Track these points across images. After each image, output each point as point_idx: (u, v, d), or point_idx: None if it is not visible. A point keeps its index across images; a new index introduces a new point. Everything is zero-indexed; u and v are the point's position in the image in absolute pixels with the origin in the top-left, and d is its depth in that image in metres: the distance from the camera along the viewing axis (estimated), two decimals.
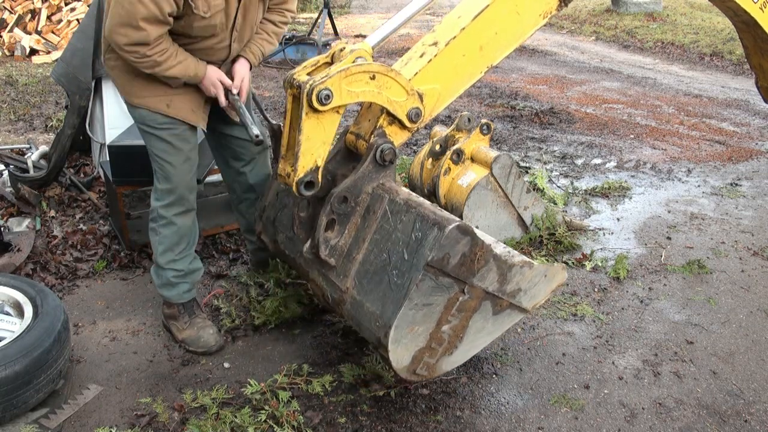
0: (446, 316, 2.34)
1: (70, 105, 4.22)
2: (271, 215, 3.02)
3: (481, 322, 2.45)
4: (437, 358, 2.40)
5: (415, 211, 2.35)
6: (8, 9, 8.80)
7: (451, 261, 2.24)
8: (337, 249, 2.52)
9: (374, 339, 2.34)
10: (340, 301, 2.51)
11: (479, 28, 2.65)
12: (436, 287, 2.26)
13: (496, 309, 2.46)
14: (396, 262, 2.31)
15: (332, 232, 2.52)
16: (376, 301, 2.33)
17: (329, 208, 2.48)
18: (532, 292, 2.53)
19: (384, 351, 2.28)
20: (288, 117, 2.44)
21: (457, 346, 2.43)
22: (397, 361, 2.30)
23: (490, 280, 2.37)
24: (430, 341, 2.34)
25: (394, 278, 2.29)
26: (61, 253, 3.74)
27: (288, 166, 2.43)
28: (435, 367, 2.42)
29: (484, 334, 2.50)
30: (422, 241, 2.26)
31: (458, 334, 2.41)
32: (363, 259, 2.46)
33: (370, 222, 2.49)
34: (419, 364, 2.36)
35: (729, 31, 9.62)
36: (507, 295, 2.45)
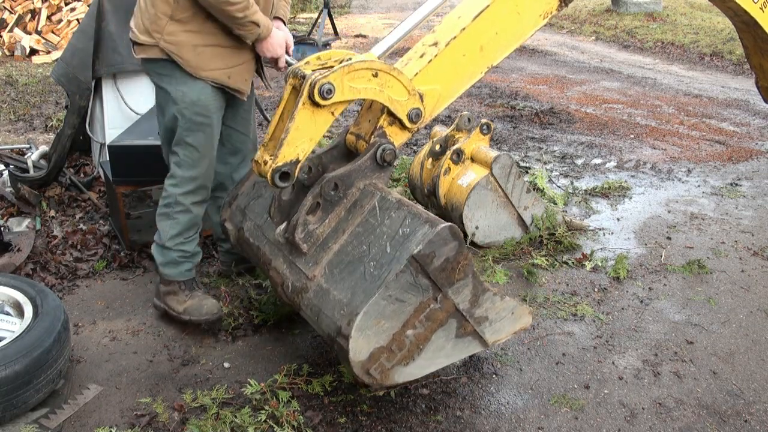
0: (413, 321, 2.31)
1: (70, 105, 4.22)
2: (242, 203, 2.99)
3: (443, 339, 2.41)
4: (393, 364, 2.34)
5: (407, 209, 2.34)
6: (8, 9, 8.80)
7: (434, 261, 2.23)
8: (313, 235, 2.49)
9: (334, 328, 2.28)
10: (302, 289, 2.47)
11: (479, 29, 2.65)
12: (413, 285, 2.25)
13: (459, 331, 2.43)
14: (376, 254, 2.30)
15: (314, 216, 2.49)
16: (346, 290, 2.30)
17: (319, 190, 2.46)
18: (496, 326, 2.51)
19: (344, 340, 2.21)
20: (281, 107, 2.43)
21: (415, 358, 2.38)
22: (355, 351, 2.23)
23: (463, 296, 2.36)
24: (392, 342, 2.30)
25: (371, 269, 2.27)
26: (61, 253, 3.74)
27: (266, 154, 2.40)
28: (388, 374, 2.35)
29: (442, 354, 2.45)
30: (410, 236, 2.25)
31: (419, 345, 2.37)
32: (339, 250, 2.43)
33: (355, 215, 2.48)
34: (375, 364, 2.30)
35: (729, 31, 9.63)
36: (474, 319, 2.43)
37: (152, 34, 2.83)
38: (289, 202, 2.58)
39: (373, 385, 2.34)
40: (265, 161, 2.38)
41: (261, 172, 2.41)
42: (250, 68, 2.99)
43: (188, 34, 2.80)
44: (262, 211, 2.82)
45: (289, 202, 2.58)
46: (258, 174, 2.46)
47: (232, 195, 3.05)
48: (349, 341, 2.20)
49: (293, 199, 2.58)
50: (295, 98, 2.37)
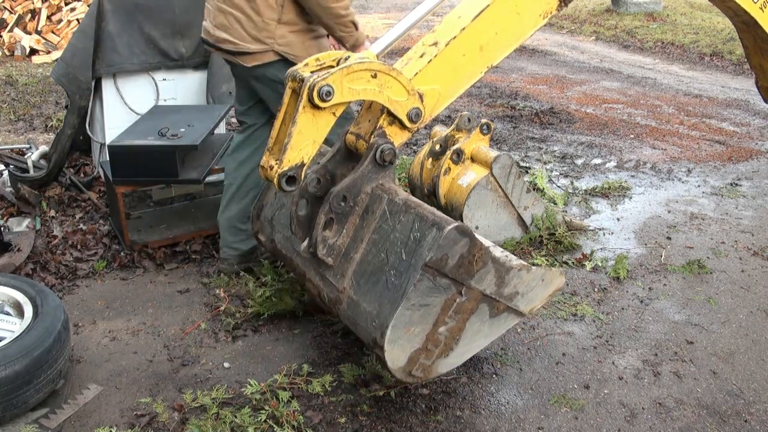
0: (443, 318, 2.33)
1: (70, 105, 4.22)
2: (268, 214, 3.02)
3: (478, 324, 2.44)
4: (433, 360, 2.38)
5: (414, 212, 2.35)
6: (8, 9, 8.80)
7: (449, 262, 2.24)
8: (334, 248, 2.52)
9: (370, 339, 2.33)
10: (336, 301, 2.51)
11: (479, 29, 2.65)
12: (434, 288, 2.26)
13: (493, 312, 2.46)
14: (394, 262, 2.31)
15: (330, 231, 2.52)
16: (373, 301, 2.33)
17: (328, 207, 2.48)
18: (529, 296, 2.53)
19: (380, 351, 2.27)
20: (282, 111, 2.43)
21: (453, 348, 2.42)
22: (393, 361, 2.29)
23: (487, 282, 2.37)
24: (427, 342, 2.34)
25: (392, 278, 2.29)
26: (61, 253, 3.74)
27: (272, 159, 2.41)
28: (431, 369, 2.41)
29: (480, 336, 2.49)
30: (421, 242, 2.26)
31: (455, 336, 2.40)
32: (361, 259, 2.45)
33: (369, 222, 2.49)
34: (415, 365, 2.35)
35: (729, 31, 9.62)
36: (504, 298, 2.44)
37: (264, 40, 3.05)
38: (306, 216, 2.61)
39: (419, 382, 2.43)
40: (271, 166, 2.40)
41: (267, 177, 2.43)
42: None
43: (296, 33, 3.05)
44: (287, 222, 2.84)
45: (307, 217, 2.61)
46: (265, 179, 2.48)
47: (258, 206, 3.09)
48: (385, 353, 2.25)
49: (310, 213, 2.60)
50: (295, 101, 2.37)
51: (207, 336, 3.09)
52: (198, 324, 3.17)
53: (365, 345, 2.50)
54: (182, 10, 4.25)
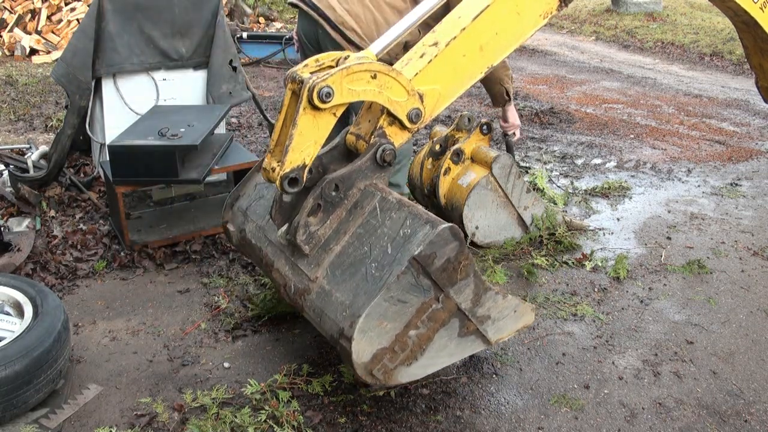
0: (416, 321, 2.31)
1: (70, 105, 4.22)
2: (243, 205, 2.99)
3: (445, 339, 2.42)
4: (396, 365, 2.35)
5: (408, 210, 2.34)
6: (8, 9, 8.80)
7: (435, 262, 2.23)
8: (314, 237, 2.49)
9: (337, 330, 2.28)
10: (304, 290, 2.47)
11: (479, 29, 2.65)
12: (415, 286, 2.25)
13: (462, 330, 2.44)
14: (377, 255, 2.30)
15: (315, 218, 2.49)
16: (348, 291, 2.30)
17: (319, 191, 2.46)
18: (498, 325, 2.52)
19: (346, 342, 2.22)
20: (283, 112, 2.43)
21: (418, 358, 2.39)
22: (358, 353, 2.23)
23: (465, 295, 2.36)
24: (394, 343, 2.31)
25: (372, 270, 2.27)
26: (61, 253, 3.74)
27: (274, 161, 2.41)
28: (392, 374, 2.36)
29: (445, 354, 2.46)
30: (411, 237, 2.25)
31: (422, 345, 2.37)
32: (340, 251, 2.43)
33: (356, 216, 2.48)
34: (378, 365, 2.31)
35: (729, 31, 9.62)
36: (476, 318, 2.43)
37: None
38: (290, 203, 2.58)
39: (376, 385, 2.34)
40: (273, 168, 2.39)
41: (270, 179, 2.42)
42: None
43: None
44: (264, 213, 2.82)
45: (290, 204, 2.58)
46: (267, 180, 2.47)
47: (233, 196, 3.05)
48: (352, 343, 2.20)
49: (294, 201, 2.57)
50: (295, 103, 2.37)
51: (207, 336, 3.09)
52: (198, 324, 3.18)
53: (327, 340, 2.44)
54: (182, 10, 4.25)
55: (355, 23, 3.23)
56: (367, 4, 3.23)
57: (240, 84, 4.47)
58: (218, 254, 3.81)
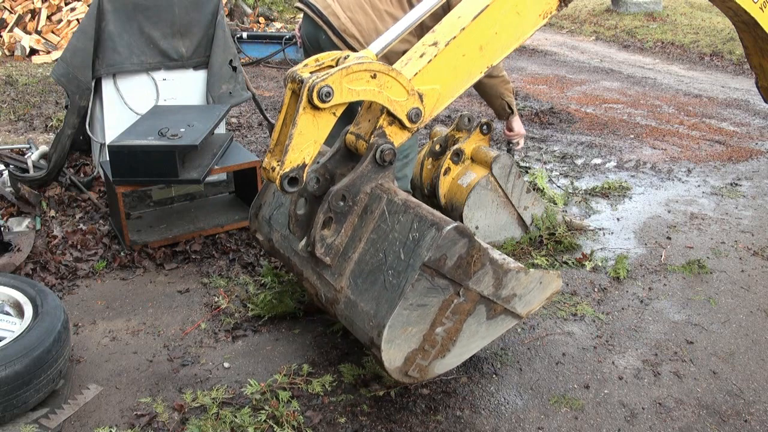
0: (440, 318, 2.33)
1: (70, 105, 4.22)
2: (266, 214, 3.02)
3: (475, 326, 2.44)
4: (430, 361, 2.38)
5: (413, 212, 2.34)
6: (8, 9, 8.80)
7: (447, 262, 2.24)
8: (333, 248, 2.52)
9: (367, 339, 2.33)
10: (333, 300, 2.51)
11: (479, 28, 2.65)
12: (432, 288, 2.26)
13: (490, 314, 2.46)
14: (392, 262, 2.31)
15: (329, 230, 2.52)
16: (371, 301, 2.32)
17: (327, 206, 2.48)
18: (526, 299, 2.53)
19: (377, 351, 2.27)
20: (283, 112, 2.43)
21: (450, 349, 2.42)
22: (389, 361, 2.28)
23: (485, 283, 2.37)
24: (424, 343, 2.33)
25: (390, 278, 2.29)
26: (61, 253, 3.74)
27: (274, 161, 2.41)
28: (427, 370, 2.40)
29: (477, 338, 2.49)
30: (419, 242, 2.26)
31: (452, 337, 2.40)
32: (359, 259, 2.45)
33: (368, 222, 2.49)
34: (412, 366, 2.35)
35: (729, 31, 9.63)
36: (502, 300, 2.44)
37: None
38: (305, 215, 2.61)
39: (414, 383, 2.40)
40: (273, 167, 2.40)
41: (270, 179, 2.43)
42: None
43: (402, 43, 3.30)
44: (285, 221, 2.84)
45: (305, 216, 2.61)
46: (267, 180, 2.47)
47: (256, 205, 3.09)
48: (382, 353, 2.24)
49: (309, 212, 2.60)
50: (295, 102, 2.37)
51: (207, 336, 3.09)
52: (198, 324, 3.18)
53: (363, 344, 2.50)
54: (182, 10, 4.25)
55: (357, 31, 3.28)
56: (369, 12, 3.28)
57: (240, 84, 4.47)
58: (218, 254, 3.81)
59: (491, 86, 3.73)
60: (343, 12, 3.33)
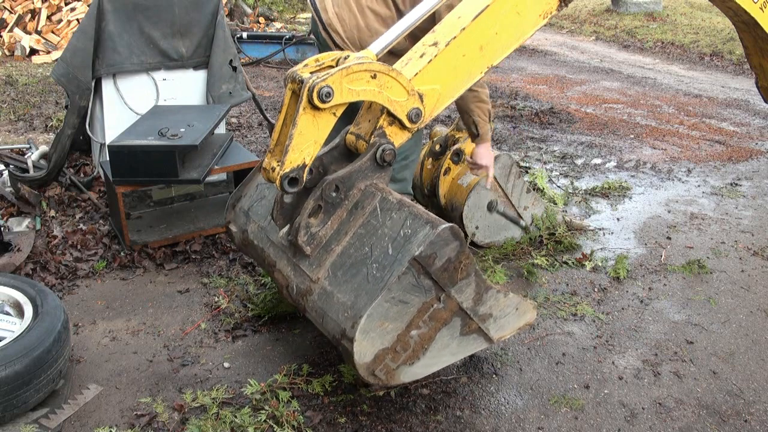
0: (417, 321, 2.32)
1: (70, 105, 4.22)
2: (245, 205, 2.99)
3: (447, 338, 2.42)
4: (398, 364, 2.35)
5: (408, 210, 2.34)
6: (8, 9, 8.80)
7: (436, 262, 2.23)
8: (315, 238, 2.49)
9: (338, 331, 2.28)
10: (306, 291, 2.47)
11: (479, 29, 2.65)
12: (416, 286, 2.25)
13: (464, 329, 2.45)
14: (378, 256, 2.30)
15: (316, 219, 2.50)
16: (349, 292, 2.30)
17: (319, 193, 2.46)
18: (501, 322, 2.52)
19: (348, 343, 2.22)
20: (283, 112, 2.43)
21: (420, 357, 2.39)
22: (360, 354, 2.24)
23: (466, 295, 2.36)
24: (396, 343, 2.31)
25: (374, 271, 2.27)
26: (61, 253, 3.74)
27: (274, 161, 2.41)
28: (394, 374, 2.37)
29: (447, 353, 2.47)
30: (411, 238, 2.25)
31: (424, 345, 2.38)
32: (342, 252, 2.43)
33: (356, 217, 2.48)
34: (380, 365, 2.31)
35: (729, 31, 9.63)
36: (478, 317, 2.44)
37: None
38: (291, 204, 2.58)
39: (378, 385, 2.34)
40: (273, 168, 2.39)
41: (270, 179, 2.42)
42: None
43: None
44: (266, 213, 2.82)
45: (291, 205, 2.58)
46: (267, 180, 2.47)
47: (235, 197, 3.05)
48: (354, 344, 2.20)
49: (295, 202, 2.58)
50: (295, 102, 2.37)
51: (207, 336, 3.09)
52: (198, 324, 3.18)
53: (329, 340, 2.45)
54: (182, 10, 4.25)
55: (340, 26, 3.31)
56: (353, 8, 3.30)
57: (240, 84, 4.47)
58: (218, 254, 3.81)
59: (462, 98, 3.23)
60: (333, 7, 3.38)
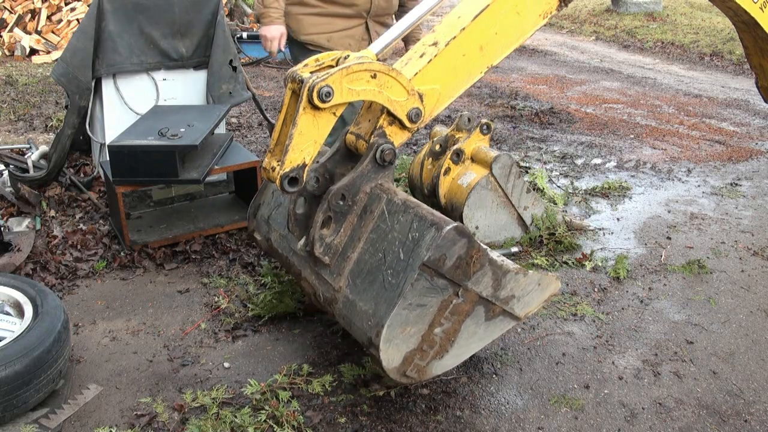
0: (439, 319, 2.33)
1: (70, 105, 4.22)
2: (265, 213, 3.02)
3: (473, 327, 2.44)
4: (428, 361, 2.38)
5: (413, 212, 2.34)
6: (8, 9, 8.80)
7: (447, 262, 2.24)
8: (332, 247, 2.52)
9: (365, 339, 2.32)
10: (332, 300, 2.50)
11: (479, 28, 2.65)
12: (431, 288, 2.26)
13: (488, 315, 2.46)
14: (391, 261, 2.31)
15: (328, 229, 2.52)
16: (369, 301, 2.32)
17: (326, 205, 2.48)
18: (525, 300, 2.52)
19: (375, 351, 2.26)
20: (283, 112, 2.44)
21: (449, 349, 2.41)
22: (388, 361, 2.28)
23: (484, 284, 2.37)
24: (422, 343, 2.33)
25: (389, 278, 2.29)
26: (61, 253, 3.74)
27: (274, 161, 2.42)
28: (425, 370, 2.40)
29: (475, 339, 2.48)
30: (419, 241, 2.25)
31: (450, 338, 2.39)
32: (358, 258, 2.45)
33: (367, 221, 2.49)
34: (410, 366, 2.34)
35: (729, 31, 9.63)
36: (500, 301, 2.44)
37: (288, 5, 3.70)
38: (304, 214, 2.61)
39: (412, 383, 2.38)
40: (273, 167, 2.40)
41: (270, 178, 2.43)
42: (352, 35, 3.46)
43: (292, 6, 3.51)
44: (284, 221, 2.85)
45: (304, 215, 2.61)
46: (267, 180, 2.47)
47: (254, 205, 3.09)
48: (380, 353, 2.24)
49: (308, 211, 2.60)
50: (295, 102, 2.37)
51: (207, 336, 3.09)
52: (198, 324, 3.18)
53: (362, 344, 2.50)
54: (182, 10, 4.25)
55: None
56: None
57: (240, 84, 4.47)
58: (218, 254, 3.81)
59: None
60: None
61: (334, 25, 3.52)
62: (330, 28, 3.54)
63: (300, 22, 3.59)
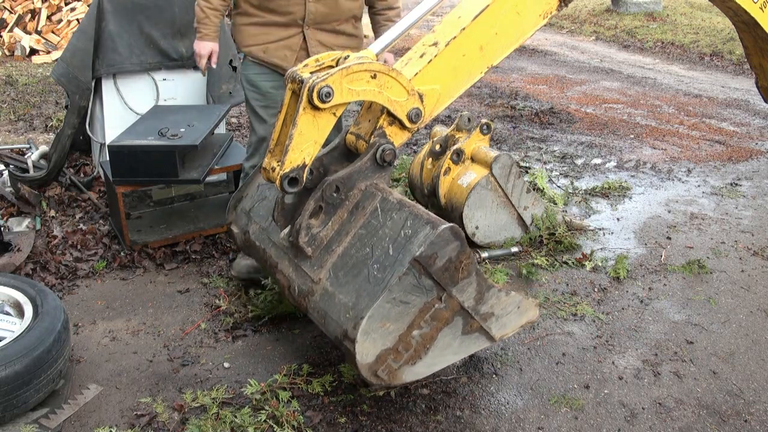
0: (419, 321, 2.32)
1: (70, 105, 4.22)
2: (246, 206, 3.00)
3: (449, 338, 2.42)
4: (401, 364, 2.35)
5: (408, 210, 2.34)
6: (8, 9, 8.80)
7: (437, 262, 2.23)
8: (316, 239, 2.50)
9: (341, 332, 2.29)
10: (308, 292, 2.48)
11: (479, 29, 2.65)
12: (417, 286, 2.25)
13: (466, 328, 2.45)
14: (379, 256, 2.30)
15: (317, 220, 2.50)
16: (351, 293, 2.31)
17: (320, 193, 2.46)
18: (503, 321, 2.52)
19: (350, 343, 2.23)
20: (283, 112, 2.44)
21: (422, 356, 2.39)
22: (362, 355, 2.24)
23: (468, 294, 2.36)
24: (398, 343, 2.31)
25: (375, 272, 2.28)
26: (61, 253, 3.74)
27: (274, 161, 2.41)
28: (396, 374, 2.37)
29: (449, 351, 2.46)
30: (412, 238, 2.25)
31: (426, 344, 2.38)
32: (343, 252, 2.43)
33: (357, 217, 2.48)
34: (382, 365, 2.32)
35: (729, 31, 9.62)
36: (480, 316, 2.44)
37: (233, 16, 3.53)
38: (292, 205, 2.59)
39: (380, 385, 2.35)
40: (273, 168, 2.39)
41: (270, 179, 2.43)
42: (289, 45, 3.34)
43: (237, 16, 3.40)
44: (267, 214, 2.82)
45: (292, 206, 2.59)
46: (267, 180, 2.47)
47: (236, 198, 3.06)
48: (356, 345, 2.21)
49: (296, 202, 2.58)
50: (295, 103, 2.37)
51: (207, 336, 3.09)
52: (198, 324, 3.18)
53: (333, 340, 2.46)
54: (182, 10, 4.25)
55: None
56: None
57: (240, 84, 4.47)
58: (218, 254, 3.81)
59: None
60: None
61: (270, 35, 3.32)
62: (266, 38, 3.32)
63: (241, 32, 3.39)
